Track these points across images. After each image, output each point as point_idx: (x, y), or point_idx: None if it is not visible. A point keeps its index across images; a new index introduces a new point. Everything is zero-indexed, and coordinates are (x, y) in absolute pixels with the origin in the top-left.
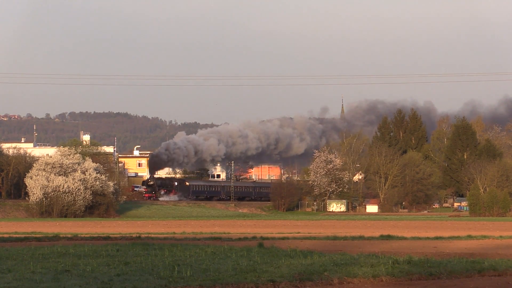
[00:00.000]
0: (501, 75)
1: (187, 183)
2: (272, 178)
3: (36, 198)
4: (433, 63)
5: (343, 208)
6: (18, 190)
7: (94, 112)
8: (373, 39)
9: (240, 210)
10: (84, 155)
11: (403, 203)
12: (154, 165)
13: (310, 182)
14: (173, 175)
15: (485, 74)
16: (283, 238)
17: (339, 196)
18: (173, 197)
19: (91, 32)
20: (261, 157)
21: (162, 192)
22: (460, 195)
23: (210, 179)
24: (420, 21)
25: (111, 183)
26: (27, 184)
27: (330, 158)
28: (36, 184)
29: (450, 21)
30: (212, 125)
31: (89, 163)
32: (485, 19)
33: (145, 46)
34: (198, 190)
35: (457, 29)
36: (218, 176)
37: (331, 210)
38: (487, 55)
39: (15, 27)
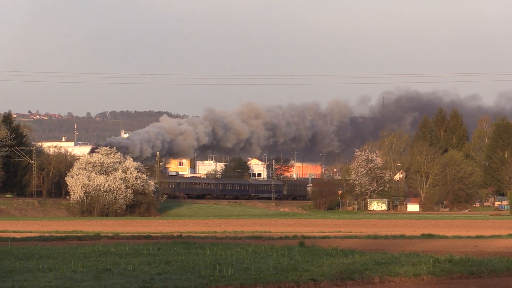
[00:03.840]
0: None
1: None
2: (312, 177)
3: (77, 197)
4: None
5: (384, 207)
6: (59, 189)
7: (135, 111)
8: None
9: (281, 209)
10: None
11: (444, 202)
12: None
13: (351, 181)
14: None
15: None
16: (324, 237)
17: (380, 195)
18: None
19: (132, 32)
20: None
21: None
22: (501, 194)
23: (251, 178)
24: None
25: (152, 182)
26: (68, 183)
27: (371, 157)
28: (77, 183)
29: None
30: None
31: (130, 162)
32: None
33: (188, 45)
34: (188, 187)
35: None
36: (259, 175)
37: (372, 209)
38: None
39: (59, 27)
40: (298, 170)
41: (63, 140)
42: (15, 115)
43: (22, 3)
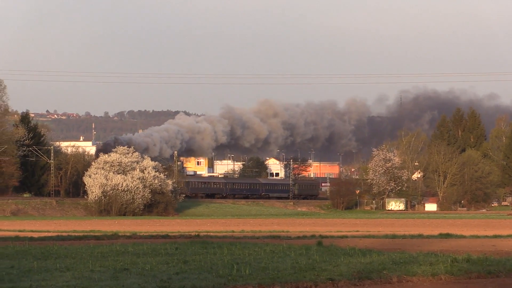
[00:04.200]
0: None
1: None
2: (330, 176)
3: (95, 197)
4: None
5: (402, 206)
6: (77, 189)
7: (153, 110)
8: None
9: (298, 209)
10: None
11: (462, 201)
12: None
13: (369, 180)
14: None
15: None
16: (342, 237)
17: (398, 195)
18: None
19: (150, 31)
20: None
21: None
22: None
23: (269, 177)
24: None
25: (170, 182)
26: (86, 183)
27: (389, 157)
28: (95, 183)
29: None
30: None
31: (148, 162)
32: None
33: (205, 44)
34: (197, 187)
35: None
36: (277, 174)
37: (389, 209)
38: None
39: (78, 26)
40: (316, 169)
41: (81, 139)
42: (33, 115)
43: (40, 2)
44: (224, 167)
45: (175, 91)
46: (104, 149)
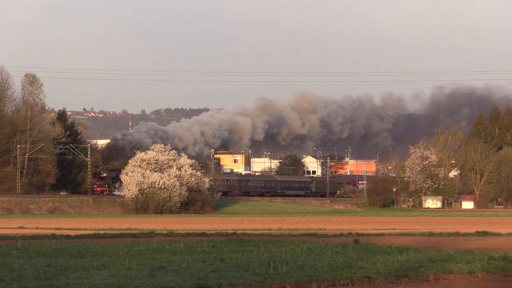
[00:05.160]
0: None
1: None
2: (367, 174)
3: (132, 194)
4: None
5: (438, 204)
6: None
7: (190, 108)
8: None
9: (335, 207)
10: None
11: (499, 199)
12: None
13: (406, 178)
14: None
15: None
16: (379, 235)
17: (435, 193)
18: None
19: (188, 29)
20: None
21: (117, 185)
22: None
23: (306, 175)
24: None
25: (206, 180)
26: (123, 180)
27: (426, 155)
28: (131, 180)
29: None
30: None
31: (184, 160)
32: None
33: (245, 41)
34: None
35: None
36: (314, 172)
37: (426, 207)
38: None
39: (116, 25)
40: (353, 167)
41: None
42: (69, 113)
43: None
44: (261, 165)
45: (212, 89)
46: (114, 144)
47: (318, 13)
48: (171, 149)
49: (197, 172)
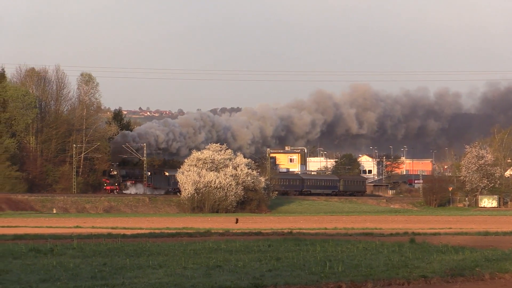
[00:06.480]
0: None
1: (167, 174)
2: (423, 173)
3: (188, 194)
4: None
5: (494, 203)
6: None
7: (245, 107)
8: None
9: (391, 206)
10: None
11: None
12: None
13: (462, 177)
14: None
15: None
16: (435, 234)
17: (491, 192)
18: (141, 189)
19: (243, 29)
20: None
21: (128, 183)
22: None
23: (362, 174)
24: None
25: (262, 179)
26: (179, 180)
27: (482, 154)
28: (187, 180)
29: None
30: None
31: (240, 159)
32: None
33: (298, 40)
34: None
35: None
36: (370, 171)
37: (482, 206)
38: None
39: (173, 25)
40: (408, 166)
41: None
42: (125, 112)
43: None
44: (317, 164)
45: (268, 87)
46: (121, 141)
47: (372, 13)
48: (227, 149)
49: (253, 171)
